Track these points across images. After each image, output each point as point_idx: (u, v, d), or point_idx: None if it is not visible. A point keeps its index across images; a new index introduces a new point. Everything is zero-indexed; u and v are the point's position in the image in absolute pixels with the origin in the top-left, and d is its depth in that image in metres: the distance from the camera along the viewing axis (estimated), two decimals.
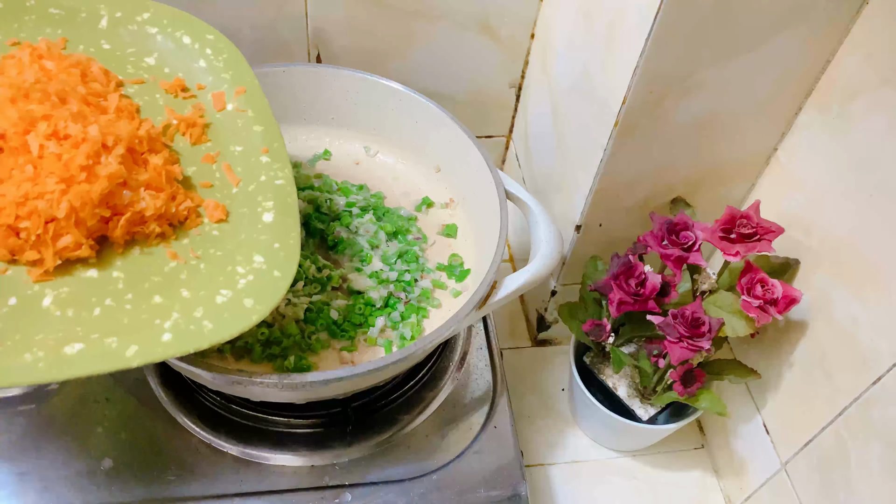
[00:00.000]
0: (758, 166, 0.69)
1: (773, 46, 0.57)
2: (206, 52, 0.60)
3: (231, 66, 0.60)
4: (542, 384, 0.85)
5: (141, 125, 0.53)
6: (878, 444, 0.56)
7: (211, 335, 0.45)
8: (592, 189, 0.68)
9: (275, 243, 0.51)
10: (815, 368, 0.62)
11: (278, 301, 0.48)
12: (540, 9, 0.78)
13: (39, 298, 0.46)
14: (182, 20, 0.60)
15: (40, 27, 0.57)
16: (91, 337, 0.44)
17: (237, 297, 0.48)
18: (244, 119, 0.58)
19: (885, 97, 0.54)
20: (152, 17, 0.60)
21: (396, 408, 0.66)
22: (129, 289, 0.47)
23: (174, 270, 0.49)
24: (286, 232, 0.52)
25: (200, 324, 0.46)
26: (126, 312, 0.46)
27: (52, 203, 0.46)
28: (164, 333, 0.45)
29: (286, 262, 0.50)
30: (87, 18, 0.59)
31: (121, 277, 0.48)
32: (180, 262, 0.50)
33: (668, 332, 0.62)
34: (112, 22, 0.59)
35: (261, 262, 0.50)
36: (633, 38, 0.56)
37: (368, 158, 0.75)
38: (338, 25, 0.76)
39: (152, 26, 0.60)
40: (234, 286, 0.48)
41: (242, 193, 0.54)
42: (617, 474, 0.78)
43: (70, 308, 0.45)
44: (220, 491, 0.59)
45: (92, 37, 0.58)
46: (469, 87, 0.85)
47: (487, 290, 0.57)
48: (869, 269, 0.56)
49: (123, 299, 0.46)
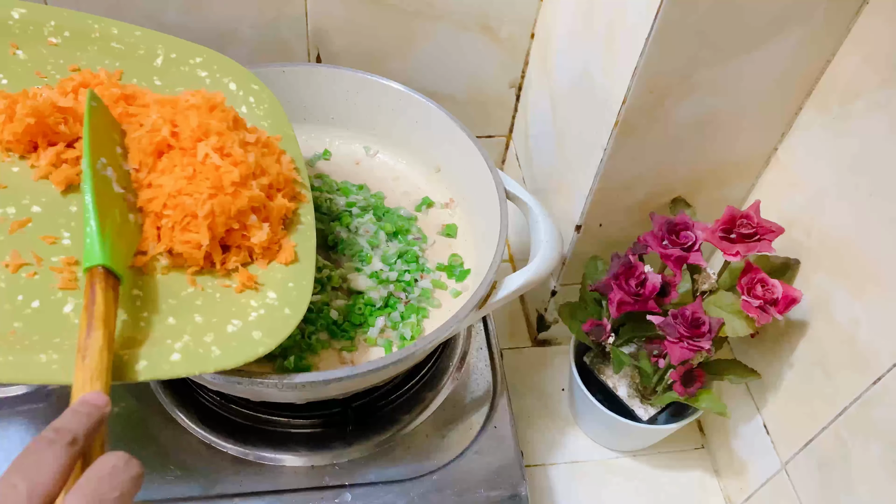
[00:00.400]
0: (758, 166, 0.69)
1: (773, 46, 0.57)
2: (249, 99, 0.64)
3: (270, 115, 0.64)
4: (542, 384, 0.85)
5: (283, 166, 0.58)
6: (878, 444, 0.56)
7: (217, 361, 0.48)
8: (592, 189, 0.68)
9: (289, 283, 0.54)
10: (815, 368, 0.62)
11: (285, 337, 0.50)
12: (540, 9, 0.78)
13: (61, 305, 0.47)
14: (231, 68, 0.64)
15: (100, 58, 0.60)
16: None
17: (247, 328, 0.50)
18: None
19: (885, 97, 0.55)
20: (204, 62, 0.64)
21: (396, 408, 0.66)
22: (145, 307, 0.49)
23: (190, 296, 0.51)
24: (302, 273, 0.54)
25: (209, 349, 0.48)
26: (140, 329, 0.48)
27: (197, 202, 0.51)
28: (174, 353, 0.47)
29: (298, 302, 0.52)
30: (144, 55, 0.62)
31: (139, 296, 0.50)
32: (197, 289, 0.52)
33: (669, 332, 0.62)
34: (167, 61, 0.63)
35: (273, 299, 0.52)
36: (633, 38, 0.56)
37: (368, 158, 0.75)
38: (338, 25, 0.76)
39: (203, 70, 0.64)
40: (245, 318, 0.51)
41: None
42: (617, 474, 0.78)
43: None
44: (220, 491, 0.59)
45: (146, 72, 0.62)
46: (469, 87, 0.85)
47: (487, 290, 0.57)
48: (869, 269, 0.56)
49: (139, 316, 0.49)
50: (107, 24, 0.61)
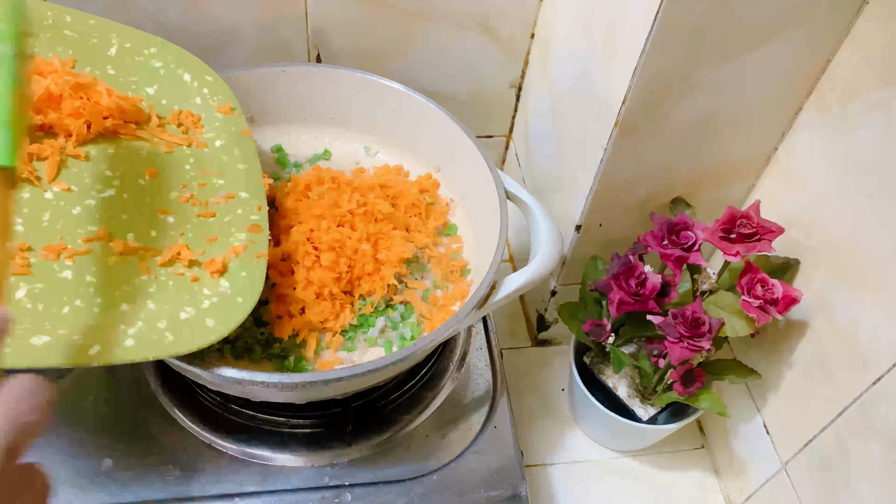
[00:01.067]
0: (758, 166, 0.69)
1: (773, 46, 0.57)
2: (203, 90, 0.64)
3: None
4: (542, 384, 0.85)
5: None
6: (878, 444, 0.56)
7: (171, 347, 0.49)
8: (592, 189, 0.68)
9: (242, 272, 0.54)
10: (815, 368, 0.62)
11: (237, 325, 0.51)
12: (540, 9, 0.78)
13: (13, 290, 0.48)
14: (185, 59, 0.64)
15: (52, 45, 0.60)
16: (58, 332, 0.46)
17: (200, 315, 0.51)
18: (230, 157, 0.61)
19: (885, 97, 0.54)
20: (159, 52, 0.64)
21: (396, 408, 0.66)
22: (99, 294, 0.49)
23: (144, 283, 0.52)
24: (254, 264, 0.55)
25: (162, 335, 0.49)
26: (93, 315, 0.48)
27: None
28: (128, 339, 0.48)
29: (250, 290, 0.53)
30: (97, 44, 0.62)
31: (93, 283, 0.50)
32: (151, 277, 0.52)
33: (668, 332, 0.62)
34: (121, 51, 0.62)
35: (226, 287, 0.53)
36: (633, 38, 0.56)
37: (368, 158, 0.75)
38: (338, 25, 0.76)
39: (157, 60, 0.63)
40: (198, 305, 0.52)
41: (218, 223, 0.57)
42: (617, 474, 0.78)
43: (41, 303, 0.47)
44: (220, 491, 0.59)
45: (99, 61, 0.61)
46: (469, 87, 0.85)
47: (487, 290, 0.57)
48: (869, 270, 0.56)
49: (93, 302, 0.49)
50: (60, 11, 0.61)
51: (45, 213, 0.51)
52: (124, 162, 0.57)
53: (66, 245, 0.50)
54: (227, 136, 0.62)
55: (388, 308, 0.63)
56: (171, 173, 0.58)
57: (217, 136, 0.62)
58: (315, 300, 0.59)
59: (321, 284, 0.59)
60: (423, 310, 0.63)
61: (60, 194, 0.52)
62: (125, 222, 0.53)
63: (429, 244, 0.67)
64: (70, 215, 0.52)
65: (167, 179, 0.58)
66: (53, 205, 0.52)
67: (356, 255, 0.61)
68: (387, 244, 0.62)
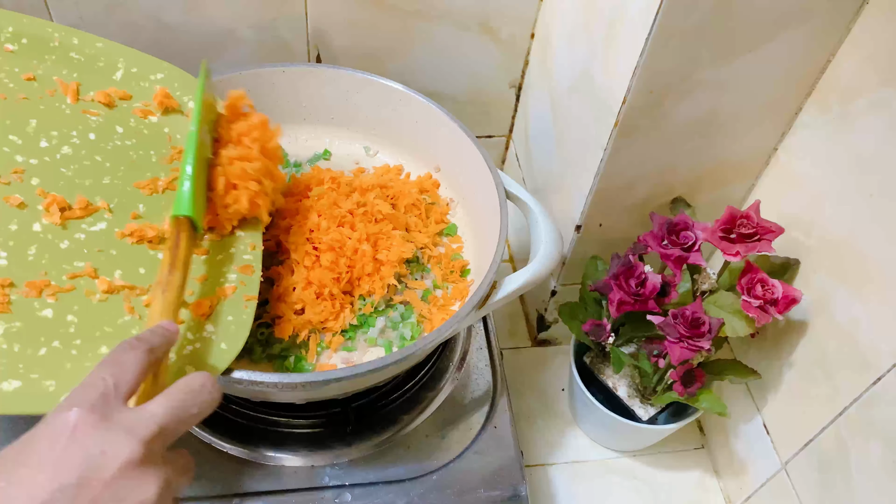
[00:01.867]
0: (758, 166, 0.69)
1: (773, 46, 0.57)
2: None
3: None
4: (542, 384, 0.85)
5: None
6: (878, 444, 0.56)
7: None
8: (592, 189, 0.68)
9: (229, 316, 0.52)
10: (815, 368, 0.62)
11: (220, 372, 0.49)
12: (540, 9, 0.78)
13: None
14: (192, 86, 0.62)
15: (58, 68, 0.59)
16: (31, 376, 0.44)
17: (179, 363, 0.48)
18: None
19: (885, 97, 0.54)
20: (166, 78, 0.62)
21: (396, 408, 0.66)
22: (78, 335, 0.48)
23: (126, 324, 0.50)
24: (242, 308, 0.53)
25: None
26: (70, 357, 0.46)
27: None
28: None
29: (235, 337, 0.51)
30: (103, 68, 0.60)
31: (74, 322, 0.48)
32: (134, 317, 0.50)
33: (668, 332, 0.62)
34: (127, 75, 0.61)
35: (211, 332, 0.51)
36: (633, 38, 0.56)
37: (368, 158, 0.75)
38: (338, 25, 0.76)
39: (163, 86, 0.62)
40: (179, 351, 0.49)
41: (210, 261, 0.55)
42: (617, 474, 0.78)
43: (17, 343, 0.46)
44: (220, 491, 0.59)
45: (104, 85, 0.60)
46: (469, 87, 0.85)
47: (487, 290, 0.57)
48: (869, 269, 0.56)
49: (71, 344, 0.47)
50: (67, 33, 0.59)
51: (32, 246, 0.50)
52: (119, 193, 0.55)
53: (50, 281, 0.49)
54: None
55: (388, 308, 0.63)
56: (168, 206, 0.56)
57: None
58: (315, 300, 0.59)
59: (321, 284, 0.59)
60: (423, 310, 0.63)
61: (49, 227, 0.51)
62: (113, 259, 0.52)
63: (429, 244, 0.67)
64: (57, 249, 0.50)
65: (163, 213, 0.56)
66: (41, 238, 0.50)
67: (356, 255, 0.61)
68: (387, 244, 0.62)
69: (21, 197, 0.51)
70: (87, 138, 0.56)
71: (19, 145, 0.53)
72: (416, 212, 0.68)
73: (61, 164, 0.54)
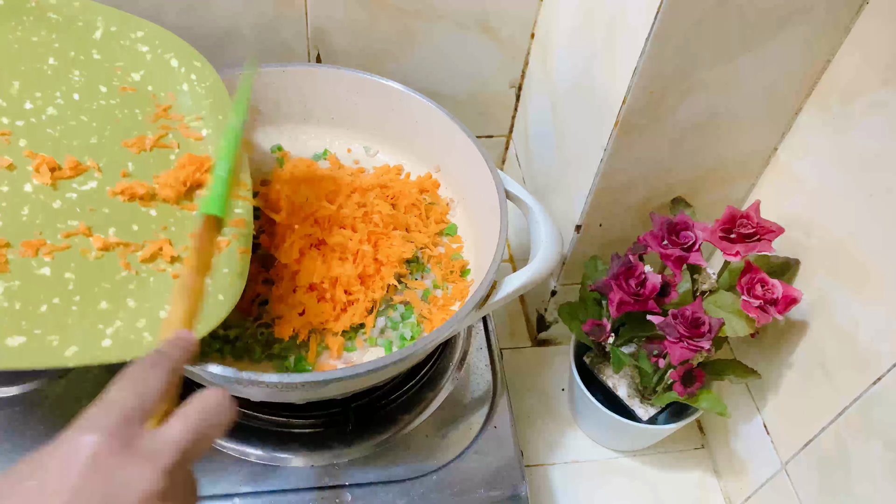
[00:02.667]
0: (758, 166, 0.69)
1: (773, 46, 0.57)
2: (190, 77, 0.62)
3: (212, 94, 0.62)
4: (542, 384, 0.85)
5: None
6: (878, 444, 0.55)
7: (149, 347, 0.47)
8: (592, 189, 0.68)
9: (224, 268, 0.53)
10: (815, 368, 0.62)
11: (217, 323, 0.50)
12: (540, 9, 0.78)
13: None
14: (173, 43, 0.63)
15: (36, 29, 0.58)
16: (34, 332, 0.45)
17: None
18: (216, 147, 0.60)
19: (885, 97, 0.54)
20: (146, 36, 0.62)
21: (396, 408, 0.66)
22: (77, 291, 0.48)
23: (124, 280, 0.50)
24: (236, 260, 0.54)
25: (141, 335, 0.48)
26: (71, 314, 0.47)
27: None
28: (105, 339, 0.46)
29: (231, 288, 0.52)
30: (82, 27, 0.60)
31: (72, 279, 0.49)
32: (131, 273, 0.51)
33: (668, 332, 0.62)
34: (106, 35, 0.61)
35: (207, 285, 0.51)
36: (633, 37, 0.56)
37: (368, 158, 0.75)
38: (338, 25, 0.76)
39: (144, 44, 0.62)
40: None
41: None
42: (617, 474, 0.78)
43: (18, 301, 0.46)
44: (220, 491, 0.59)
45: (84, 45, 0.60)
46: (469, 87, 0.85)
47: (487, 290, 0.57)
48: (869, 270, 0.56)
49: (71, 300, 0.48)
50: None
51: (25, 207, 0.50)
52: (108, 153, 0.55)
53: (46, 241, 0.49)
54: (214, 124, 0.61)
55: (388, 308, 0.63)
56: (157, 164, 0.57)
57: (204, 125, 0.61)
58: (315, 301, 0.59)
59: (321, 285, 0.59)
60: (423, 310, 0.63)
61: (40, 188, 0.51)
62: (106, 216, 0.52)
63: (429, 244, 0.66)
64: (50, 209, 0.51)
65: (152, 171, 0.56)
66: (33, 198, 0.50)
67: (357, 257, 0.61)
68: (387, 244, 0.62)
69: (10, 158, 0.51)
70: (72, 98, 0.56)
71: (4, 107, 0.53)
72: (416, 212, 0.68)
73: (47, 125, 0.54)
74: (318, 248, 0.61)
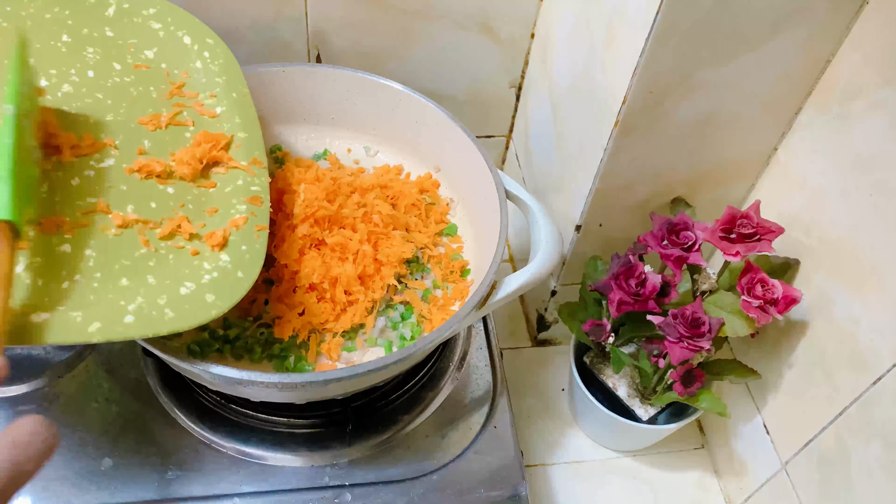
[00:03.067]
0: (758, 166, 0.69)
1: (773, 46, 0.57)
2: (203, 54, 0.62)
3: (225, 72, 0.62)
4: (542, 384, 0.85)
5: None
6: (878, 444, 0.56)
7: (171, 323, 0.47)
8: (592, 189, 0.68)
9: (242, 245, 0.53)
10: (815, 368, 0.62)
11: (237, 300, 0.50)
12: (540, 9, 0.78)
13: (13, 263, 0.46)
14: (185, 20, 0.62)
15: (49, 6, 0.58)
16: (57, 308, 0.45)
17: (200, 290, 0.50)
18: (231, 124, 0.60)
19: (885, 97, 0.54)
20: (158, 14, 0.62)
21: (396, 408, 0.66)
22: (98, 268, 0.48)
23: (143, 257, 0.50)
24: (254, 237, 0.54)
25: (162, 311, 0.48)
26: (93, 290, 0.47)
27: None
28: (127, 315, 0.47)
29: (250, 265, 0.52)
30: (95, 4, 0.60)
31: (92, 256, 0.49)
32: (150, 250, 0.51)
33: (668, 332, 0.62)
34: (119, 11, 0.60)
35: (226, 262, 0.52)
36: (633, 38, 0.56)
37: (368, 158, 0.75)
38: (338, 25, 0.76)
39: (156, 21, 0.61)
40: (198, 280, 0.50)
41: (219, 194, 0.56)
42: (617, 474, 0.78)
43: (41, 278, 0.46)
44: (220, 491, 0.59)
45: (97, 22, 0.59)
46: (469, 87, 0.85)
47: (487, 290, 0.57)
48: (869, 269, 0.56)
49: (92, 277, 0.48)
50: None
51: (44, 184, 0.50)
52: (124, 130, 0.55)
53: (66, 218, 0.49)
54: (228, 102, 0.61)
55: (388, 308, 0.63)
56: (172, 141, 0.57)
57: (218, 103, 0.61)
58: (315, 301, 0.59)
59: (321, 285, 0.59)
60: (423, 310, 0.63)
61: (58, 164, 0.51)
62: (124, 193, 0.52)
63: (429, 244, 0.67)
64: (69, 186, 0.51)
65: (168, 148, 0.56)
66: (52, 176, 0.51)
67: (356, 257, 0.61)
68: (387, 244, 0.62)
69: None
70: (86, 76, 0.56)
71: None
72: (416, 212, 0.68)
73: (63, 102, 0.54)
74: (317, 249, 0.61)
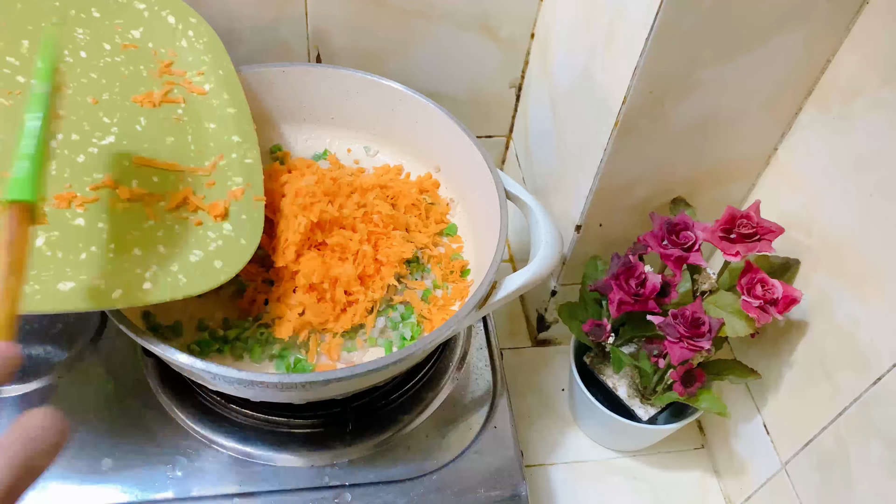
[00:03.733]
0: (758, 166, 0.69)
1: (773, 46, 0.57)
2: (188, 33, 0.64)
3: (210, 50, 0.64)
4: (542, 384, 0.85)
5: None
6: (878, 444, 0.56)
7: (185, 288, 0.51)
8: (592, 189, 0.68)
9: (242, 215, 0.56)
10: (815, 368, 0.62)
11: (243, 265, 0.54)
12: (540, 9, 0.78)
13: (33, 238, 0.48)
14: (170, 1, 0.64)
15: None
16: (80, 277, 0.47)
17: (208, 257, 0.53)
18: (219, 100, 0.62)
19: (885, 97, 0.55)
20: None
21: (396, 408, 0.66)
22: (111, 239, 0.51)
23: (152, 228, 0.53)
24: (253, 207, 0.57)
25: (176, 277, 0.51)
26: (109, 260, 0.49)
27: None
28: (145, 282, 0.49)
29: (251, 233, 0.56)
30: None
31: (105, 229, 0.51)
32: (157, 222, 0.53)
33: (668, 332, 0.62)
34: None
35: (229, 230, 0.55)
36: (633, 37, 0.56)
37: (368, 158, 0.75)
38: (338, 25, 0.76)
39: (140, 2, 0.63)
40: (205, 248, 0.54)
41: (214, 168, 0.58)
42: (617, 474, 0.78)
43: (60, 250, 0.48)
44: (220, 491, 0.59)
45: (83, 3, 0.61)
46: (469, 87, 0.85)
47: (487, 290, 0.57)
48: (869, 269, 0.56)
49: (107, 248, 0.50)
50: None
51: (52, 161, 0.51)
52: (119, 108, 0.57)
53: (76, 193, 0.51)
54: (215, 79, 0.62)
55: (388, 308, 0.63)
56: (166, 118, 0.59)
57: (206, 80, 0.62)
58: (315, 301, 0.59)
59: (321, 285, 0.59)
60: (423, 310, 0.63)
61: (63, 142, 0.53)
62: (128, 169, 0.54)
63: (429, 244, 0.67)
64: (76, 163, 0.52)
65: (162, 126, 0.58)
66: (58, 153, 0.52)
67: (357, 257, 0.61)
68: (387, 244, 0.63)
69: None
70: (79, 56, 0.58)
71: (18, 66, 0.55)
72: (416, 212, 0.68)
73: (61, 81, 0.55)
74: (317, 249, 0.61)
